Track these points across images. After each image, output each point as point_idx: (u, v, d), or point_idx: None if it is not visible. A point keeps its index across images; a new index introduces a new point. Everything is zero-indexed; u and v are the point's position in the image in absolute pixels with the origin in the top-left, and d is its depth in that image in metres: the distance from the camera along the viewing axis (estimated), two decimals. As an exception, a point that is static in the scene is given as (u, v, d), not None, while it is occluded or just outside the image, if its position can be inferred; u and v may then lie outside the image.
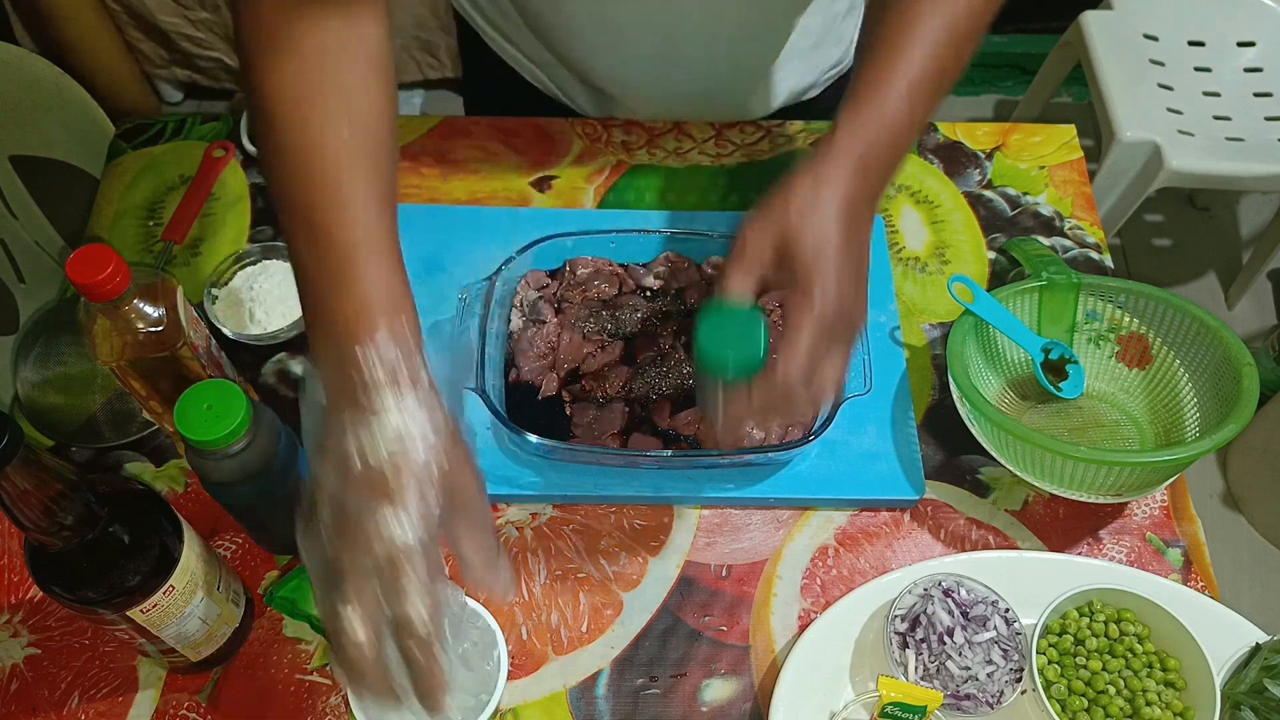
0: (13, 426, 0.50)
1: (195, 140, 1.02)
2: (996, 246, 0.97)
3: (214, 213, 0.97)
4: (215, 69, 2.07)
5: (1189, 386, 0.83)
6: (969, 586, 0.72)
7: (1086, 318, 0.87)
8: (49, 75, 1.08)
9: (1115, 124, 1.61)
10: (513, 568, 0.70)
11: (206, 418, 0.62)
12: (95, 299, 0.63)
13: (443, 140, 1.02)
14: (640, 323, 0.86)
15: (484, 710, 0.64)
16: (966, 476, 0.84)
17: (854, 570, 0.79)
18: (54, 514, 0.55)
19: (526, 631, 0.76)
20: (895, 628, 0.71)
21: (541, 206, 0.98)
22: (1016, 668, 0.69)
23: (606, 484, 0.80)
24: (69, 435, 0.83)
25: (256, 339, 0.87)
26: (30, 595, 0.76)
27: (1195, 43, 1.77)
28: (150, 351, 0.67)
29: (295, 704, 0.72)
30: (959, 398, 0.81)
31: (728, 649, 0.76)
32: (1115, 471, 0.75)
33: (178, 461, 0.83)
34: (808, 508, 0.81)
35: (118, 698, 0.72)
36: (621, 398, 0.81)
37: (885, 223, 0.96)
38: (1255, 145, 1.64)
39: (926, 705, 0.66)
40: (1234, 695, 0.71)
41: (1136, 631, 0.71)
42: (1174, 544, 0.81)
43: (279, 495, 0.69)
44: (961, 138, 1.05)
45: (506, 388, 0.83)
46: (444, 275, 0.90)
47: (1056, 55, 1.87)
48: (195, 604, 0.65)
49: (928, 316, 0.92)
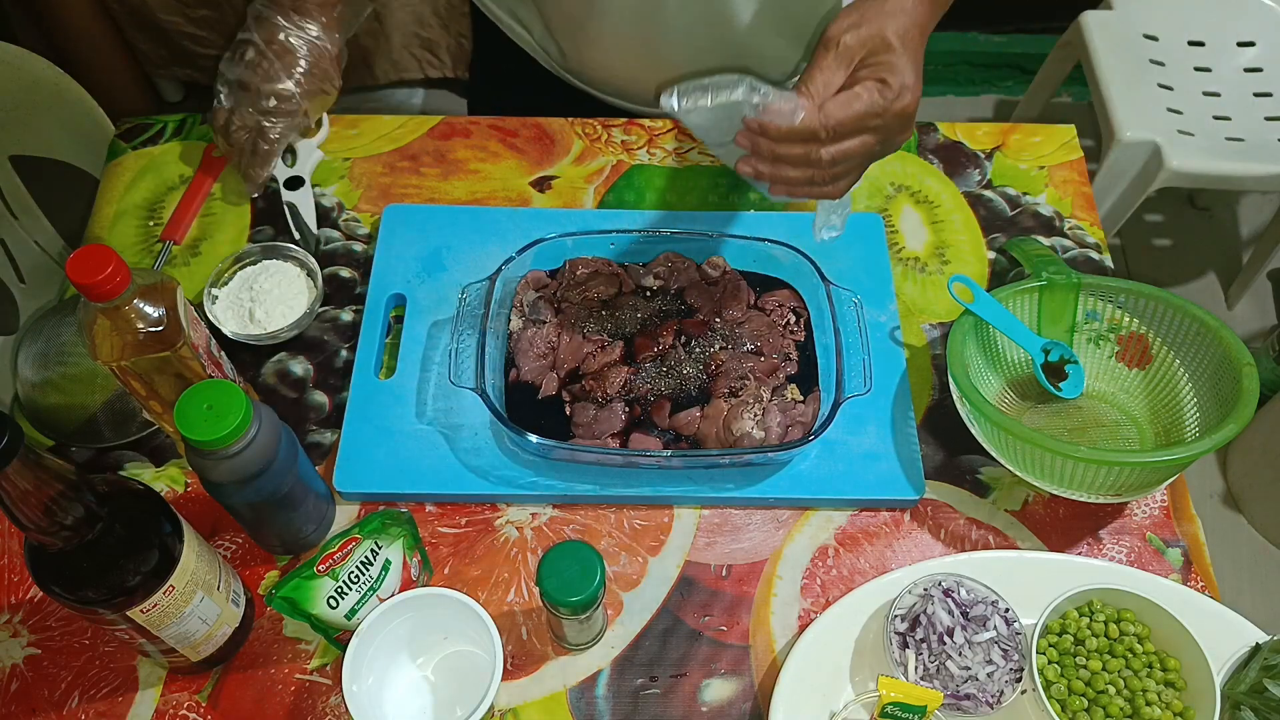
0: (13, 426, 0.50)
1: (195, 140, 1.02)
2: (996, 246, 0.97)
3: (214, 213, 0.97)
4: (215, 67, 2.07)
5: (1189, 386, 0.83)
6: (969, 586, 0.72)
7: (1086, 318, 0.87)
8: (49, 75, 1.08)
9: (1115, 124, 1.61)
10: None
11: (206, 418, 0.62)
12: (95, 299, 0.63)
13: (443, 140, 1.02)
14: (640, 323, 0.86)
15: (478, 709, 0.64)
16: (966, 476, 0.84)
17: (854, 570, 0.79)
18: (54, 514, 0.55)
19: (526, 631, 0.76)
20: (895, 628, 0.71)
21: (541, 206, 0.98)
22: (1016, 668, 0.69)
23: (606, 484, 0.80)
24: (69, 435, 0.83)
25: (256, 339, 0.87)
26: (30, 595, 0.76)
27: (1195, 43, 1.77)
28: (150, 351, 0.67)
29: (295, 704, 0.72)
30: (959, 398, 0.81)
31: (728, 649, 0.76)
32: (1115, 471, 0.75)
33: (178, 461, 0.83)
34: (808, 508, 0.81)
35: (118, 698, 0.72)
36: (621, 398, 0.81)
37: (885, 223, 0.96)
38: (1255, 145, 1.64)
39: (926, 705, 0.66)
40: (1234, 695, 0.71)
41: (1136, 631, 0.71)
42: (1174, 544, 0.81)
43: (279, 495, 0.70)
44: (961, 138, 1.05)
45: (506, 388, 0.83)
46: (444, 275, 0.90)
47: (1056, 55, 1.87)
48: (195, 604, 0.65)
49: (928, 316, 0.92)
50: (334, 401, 0.86)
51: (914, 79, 0.66)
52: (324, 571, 0.68)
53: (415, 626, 0.70)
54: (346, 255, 0.95)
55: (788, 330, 0.86)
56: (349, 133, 1.03)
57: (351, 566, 0.69)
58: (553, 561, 0.66)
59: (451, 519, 0.80)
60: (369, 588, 0.70)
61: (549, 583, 0.65)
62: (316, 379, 0.87)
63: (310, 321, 0.89)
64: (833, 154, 0.67)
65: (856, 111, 0.65)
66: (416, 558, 0.74)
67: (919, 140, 1.04)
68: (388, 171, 1.00)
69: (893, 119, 0.66)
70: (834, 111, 0.65)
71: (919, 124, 1.05)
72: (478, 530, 0.80)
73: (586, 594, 0.65)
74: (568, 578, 0.65)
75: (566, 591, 0.65)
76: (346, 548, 0.70)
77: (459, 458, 0.81)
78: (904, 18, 0.66)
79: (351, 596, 0.69)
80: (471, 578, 0.78)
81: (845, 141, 0.66)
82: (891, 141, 0.69)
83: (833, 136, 0.65)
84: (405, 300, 0.89)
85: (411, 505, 0.81)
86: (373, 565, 0.70)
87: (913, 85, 0.66)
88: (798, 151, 0.67)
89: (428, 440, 0.81)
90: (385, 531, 0.72)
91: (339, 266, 0.94)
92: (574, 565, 0.66)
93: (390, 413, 0.82)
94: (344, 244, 0.95)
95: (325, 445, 0.84)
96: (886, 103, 0.65)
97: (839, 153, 0.67)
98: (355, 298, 0.92)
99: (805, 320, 0.87)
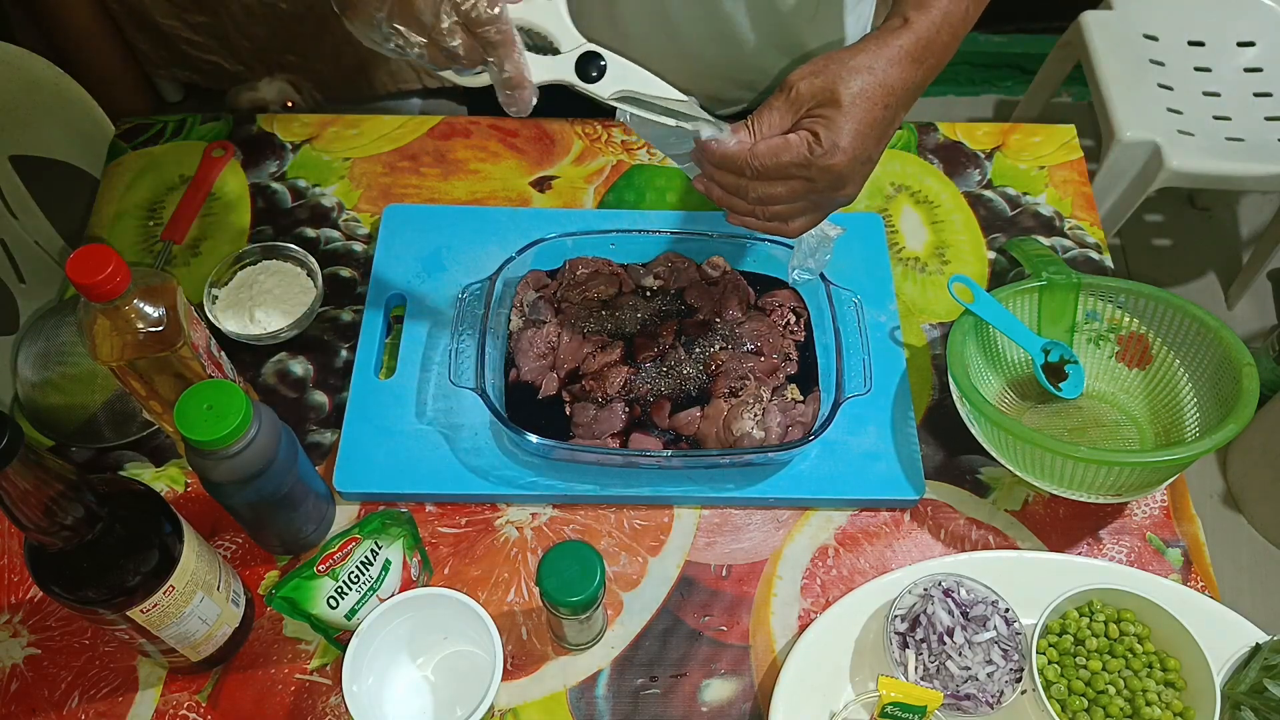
0: (13, 426, 0.50)
1: (195, 140, 1.02)
2: (996, 246, 0.97)
3: (214, 213, 0.97)
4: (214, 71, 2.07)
5: (1189, 386, 0.83)
6: (969, 586, 0.72)
7: (1086, 318, 0.87)
8: (49, 75, 1.08)
9: (1115, 124, 1.61)
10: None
11: (206, 418, 0.62)
12: (95, 299, 0.63)
13: (443, 140, 1.02)
14: (640, 323, 0.86)
15: (478, 709, 0.64)
16: (966, 476, 0.84)
17: (854, 570, 0.79)
18: (54, 514, 0.55)
19: (526, 631, 0.76)
20: (895, 628, 0.71)
21: (541, 206, 0.98)
22: (1016, 668, 0.69)
23: (606, 484, 0.80)
24: (69, 435, 0.83)
25: (256, 339, 0.87)
26: (30, 595, 0.76)
27: (1195, 43, 1.77)
28: (150, 351, 0.67)
29: (295, 704, 0.72)
30: (959, 398, 0.81)
31: (728, 649, 0.76)
32: (1115, 471, 0.75)
33: (178, 461, 0.83)
34: (808, 508, 0.81)
35: (118, 698, 0.72)
36: (621, 398, 0.81)
37: (885, 223, 0.96)
38: (1255, 145, 1.64)
39: (926, 705, 0.66)
40: (1234, 695, 0.71)
41: (1136, 631, 0.71)
42: (1174, 544, 0.81)
43: (279, 495, 0.70)
44: (961, 138, 1.05)
45: (506, 388, 0.83)
46: (444, 275, 0.90)
47: (1056, 55, 1.87)
48: (195, 604, 0.65)
49: (928, 316, 0.92)
50: (334, 401, 0.86)
51: (849, 141, 0.63)
52: (324, 571, 0.68)
53: (415, 626, 0.70)
54: (346, 255, 0.95)
55: (788, 330, 0.86)
56: (349, 133, 1.03)
57: (351, 566, 0.69)
58: (553, 561, 0.66)
59: (451, 519, 0.80)
60: (369, 588, 0.70)
61: (549, 583, 0.65)
62: (316, 379, 0.87)
63: (310, 321, 0.89)
64: (760, 194, 0.66)
65: (782, 160, 0.64)
66: (416, 558, 0.74)
67: (919, 140, 1.04)
68: (388, 171, 1.00)
69: (819, 174, 0.64)
70: (761, 152, 0.64)
71: (920, 124, 1.05)
72: (478, 530, 0.80)
73: (586, 594, 0.65)
74: (568, 578, 0.65)
75: (566, 591, 0.65)
76: (346, 548, 0.70)
77: (459, 458, 0.81)
78: (867, 77, 0.64)
79: (351, 596, 0.69)
80: (471, 578, 0.78)
81: (772, 184, 0.65)
82: (827, 197, 0.67)
83: (757, 175, 0.65)
84: (405, 300, 0.89)
85: (411, 505, 0.81)
86: (373, 565, 0.70)
87: (846, 147, 0.63)
88: (730, 181, 0.67)
89: (428, 440, 0.81)
90: (385, 531, 0.72)
91: (339, 266, 0.94)
92: (574, 565, 0.66)
93: (390, 413, 0.82)
94: (344, 244, 0.95)
95: (325, 445, 0.84)
96: (814, 157, 0.63)
97: (766, 195, 0.66)
98: (355, 298, 0.92)
99: (805, 320, 0.87)
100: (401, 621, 0.69)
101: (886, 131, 0.66)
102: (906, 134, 1.05)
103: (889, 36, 0.66)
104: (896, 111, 0.66)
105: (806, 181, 0.65)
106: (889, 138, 0.67)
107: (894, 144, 1.04)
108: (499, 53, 0.61)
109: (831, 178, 0.65)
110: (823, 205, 0.68)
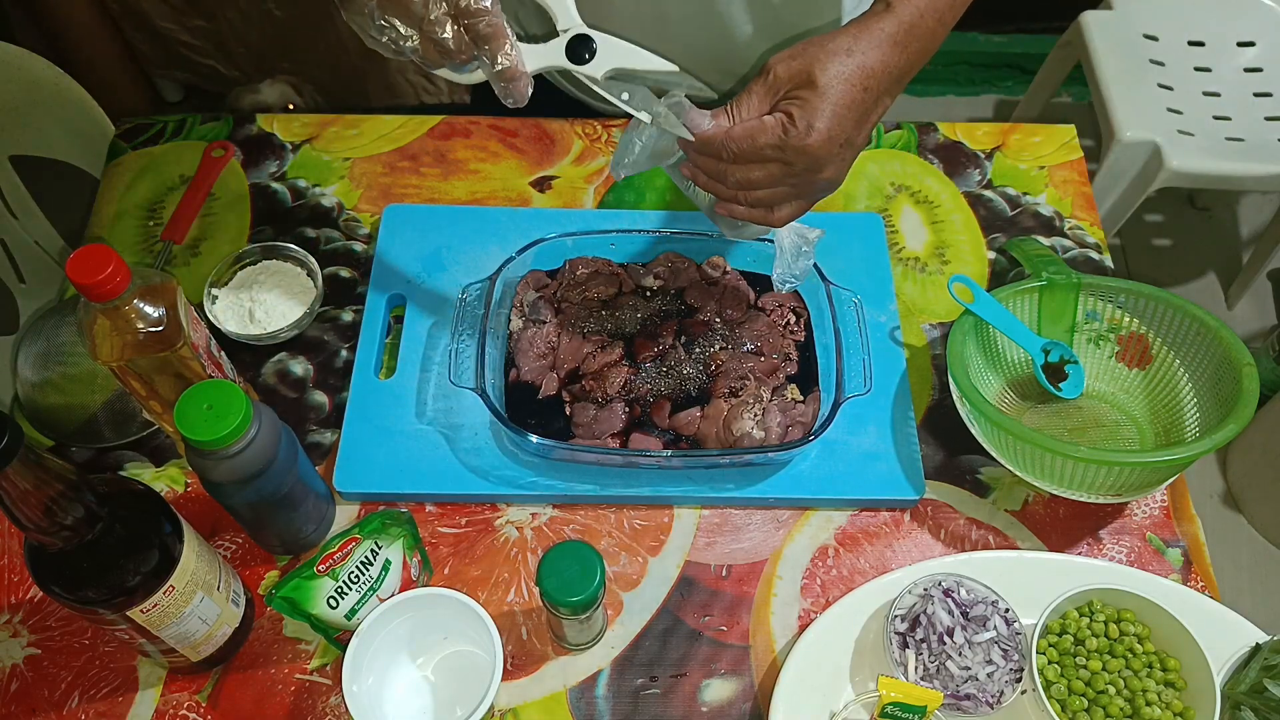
0: (13, 426, 0.50)
1: (195, 140, 1.02)
2: (996, 246, 0.97)
3: (214, 213, 0.97)
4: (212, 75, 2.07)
5: (1189, 386, 0.83)
6: (969, 586, 0.72)
7: (1086, 318, 0.87)
8: (49, 75, 1.08)
9: (1115, 124, 1.61)
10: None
11: (206, 418, 0.62)
12: (95, 299, 0.63)
13: (443, 140, 1.02)
14: (640, 323, 0.86)
15: (478, 709, 0.64)
16: (966, 476, 0.84)
17: (854, 570, 0.79)
18: (54, 514, 0.55)
19: (526, 631, 0.76)
20: (895, 628, 0.71)
21: (541, 206, 0.98)
22: (1016, 668, 0.69)
23: (606, 484, 0.80)
24: (69, 435, 0.83)
25: (256, 339, 0.87)
26: (30, 595, 0.76)
27: (1195, 43, 1.77)
28: (150, 351, 0.67)
29: (295, 704, 0.72)
30: (959, 398, 0.81)
31: (728, 649, 0.76)
32: (1115, 471, 0.75)
33: (178, 461, 0.83)
34: (808, 508, 0.81)
35: (118, 698, 0.72)
36: (621, 398, 0.81)
37: (885, 223, 0.96)
38: (1255, 145, 1.64)
39: (926, 705, 0.66)
40: (1234, 695, 0.71)
41: (1136, 631, 0.71)
42: (1174, 544, 0.81)
43: (279, 495, 0.70)
44: (961, 138, 1.05)
45: (506, 388, 0.83)
46: (444, 275, 0.90)
47: (1056, 55, 1.87)
48: (195, 604, 0.65)
49: (928, 316, 0.92)
50: (334, 401, 0.86)
51: (825, 122, 0.63)
52: (324, 571, 0.68)
53: (415, 626, 0.70)
54: (346, 255, 0.95)
55: (788, 330, 0.86)
56: (349, 133, 1.03)
57: (351, 566, 0.69)
58: (553, 561, 0.66)
59: (451, 519, 0.80)
60: (369, 588, 0.70)
61: (549, 583, 0.65)
62: (316, 379, 0.87)
63: (310, 321, 0.89)
64: (739, 178, 0.66)
65: (757, 142, 0.64)
66: (416, 558, 0.74)
67: (919, 140, 1.04)
68: (388, 171, 1.00)
69: (795, 155, 0.64)
70: (737, 135, 0.64)
71: (920, 124, 1.05)
72: (478, 530, 0.80)
73: (586, 594, 0.65)
74: (568, 578, 0.65)
75: (566, 591, 0.65)
76: (346, 548, 0.70)
77: (459, 458, 0.81)
78: (845, 59, 0.63)
79: (351, 596, 0.69)
80: (471, 578, 0.78)
81: (750, 167, 0.65)
82: (806, 180, 0.67)
83: (734, 158, 0.65)
84: (405, 300, 0.89)
85: (411, 505, 0.81)
86: (373, 565, 0.70)
87: (821, 129, 0.63)
88: (710, 166, 0.67)
89: (428, 440, 0.81)
90: (385, 531, 0.72)
91: (339, 266, 0.94)
92: (574, 565, 0.66)
93: (390, 413, 0.82)
94: (344, 244, 0.95)
95: (325, 445, 0.84)
96: (788, 138, 0.63)
97: (745, 179, 0.66)
98: (355, 298, 0.92)
99: (805, 320, 0.87)
100: (401, 621, 0.69)
101: (868, 115, 0.66)
102: (906, 134, 1.05)
103: (871, 20, 0.66)
104: (879, 96, 0.66)
105: (784, 165, 0.65)
106: (871, 122, 0.67)
107: (894, 144, 1.04)
108: (490, 46, 0.60)
109: (808, 159, 0.64)
110: (804, 190, 0.68)
